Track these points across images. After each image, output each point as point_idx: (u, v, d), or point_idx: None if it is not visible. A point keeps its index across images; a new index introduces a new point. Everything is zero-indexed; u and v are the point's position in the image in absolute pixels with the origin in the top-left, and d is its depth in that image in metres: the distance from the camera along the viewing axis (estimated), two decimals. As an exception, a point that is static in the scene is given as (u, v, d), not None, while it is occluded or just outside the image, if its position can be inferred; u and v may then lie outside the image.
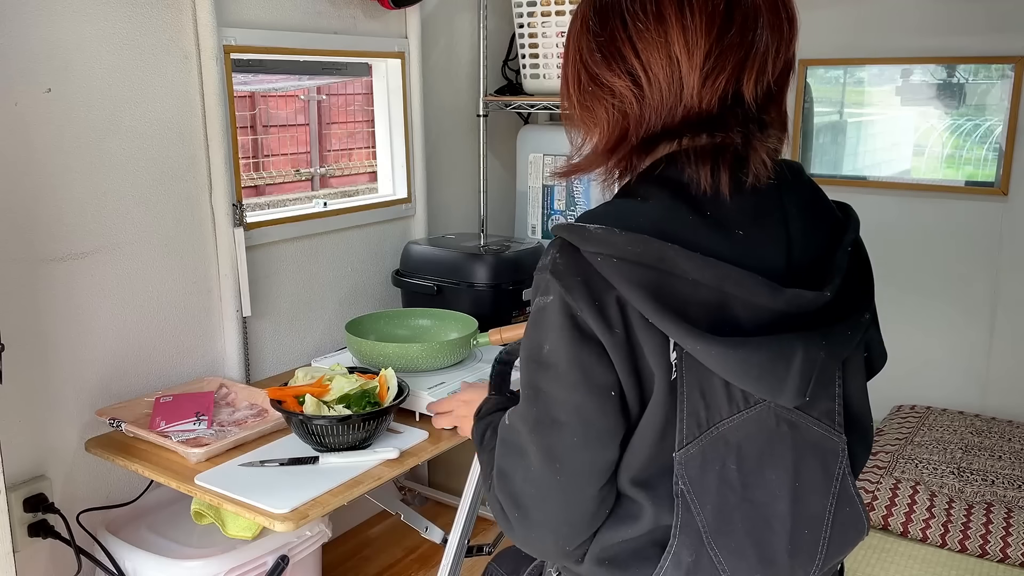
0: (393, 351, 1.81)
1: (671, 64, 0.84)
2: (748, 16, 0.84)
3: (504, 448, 0.95)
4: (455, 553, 1.79)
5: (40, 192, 1.60)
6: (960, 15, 2.76)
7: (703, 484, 0.87)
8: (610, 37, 0.87)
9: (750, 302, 0.82)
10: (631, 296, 0.81)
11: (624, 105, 0.87)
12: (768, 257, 0.85)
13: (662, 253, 0.81)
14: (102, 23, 1.67)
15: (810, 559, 0.91)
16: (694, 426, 0.86)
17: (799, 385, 0.83)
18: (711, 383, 0.85)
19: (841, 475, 0.92)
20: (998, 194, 2.79)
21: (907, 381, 3.06)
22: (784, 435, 0.89)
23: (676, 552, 0.88)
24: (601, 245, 0.82)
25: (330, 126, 4.77)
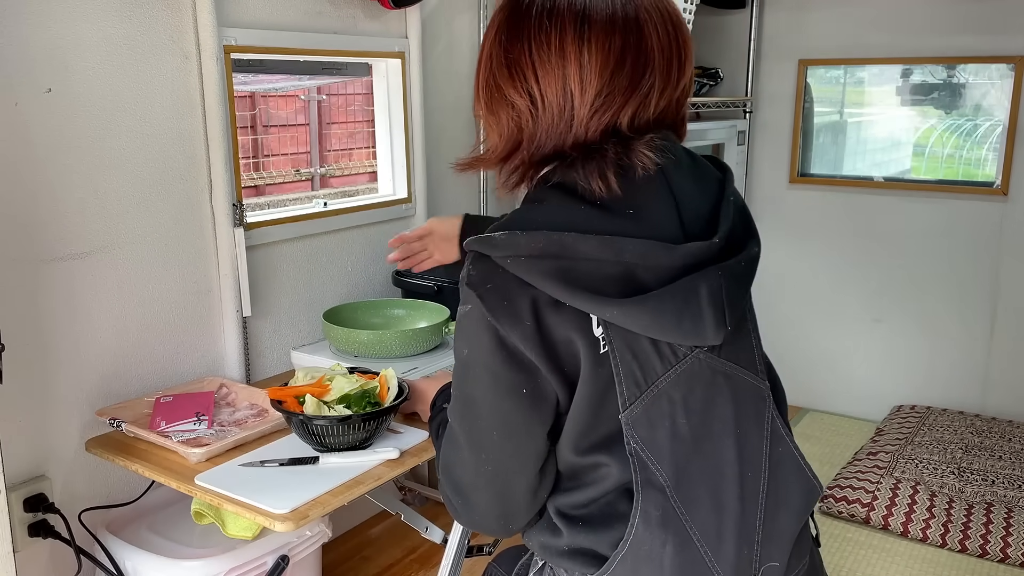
0: (367, 338, 1.87)
1: (565, 96, 0.92)
2: (639, 61, 0.92)
3: (446, 440, 1.04)
4: (455, 553, 1.78)
5: (40, 192, 1.60)
6: (960, 15, 2.76)
7: (655, 441, 0.94)
8: (516, 56, 0.94)
9: (651, 266, 0.90)
10: (544, 286, 0.89)
11: (521, 120, 0.96)
12: (661, 225, 0.93)
13: (561, 242, 0.89)
14: (102, 23, 1.67)
15: (754, 500, 0.98)
16: (633, 386, 0.93)
17: (715, 315, 0.91)
18: (639, 345, 0.93)
19: (770, 417, 1.01)
20: (998, 194, 2.79)
21: (907, 381, 3.06)
22: (721, 387, 0.96)
23: (643, 508, 0.94)
24: (507, 248, 0.90)
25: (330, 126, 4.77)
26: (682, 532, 0.95)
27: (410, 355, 1.92)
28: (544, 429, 0.97)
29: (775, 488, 1.00)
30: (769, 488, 1.00)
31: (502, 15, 0.97)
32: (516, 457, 0.97)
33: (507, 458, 0.97)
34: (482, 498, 1.01)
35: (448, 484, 1.04)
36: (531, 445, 0.97)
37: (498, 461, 0.98)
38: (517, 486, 0.99)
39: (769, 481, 1.00)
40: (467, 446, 0.99)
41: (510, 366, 0.93)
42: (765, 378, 1.01)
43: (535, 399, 0.95)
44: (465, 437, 0.99)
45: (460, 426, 0.99)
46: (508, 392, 0.94)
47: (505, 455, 0.97)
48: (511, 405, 0.95)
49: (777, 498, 1.00)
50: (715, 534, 0.96)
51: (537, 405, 0.95)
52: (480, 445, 0.98)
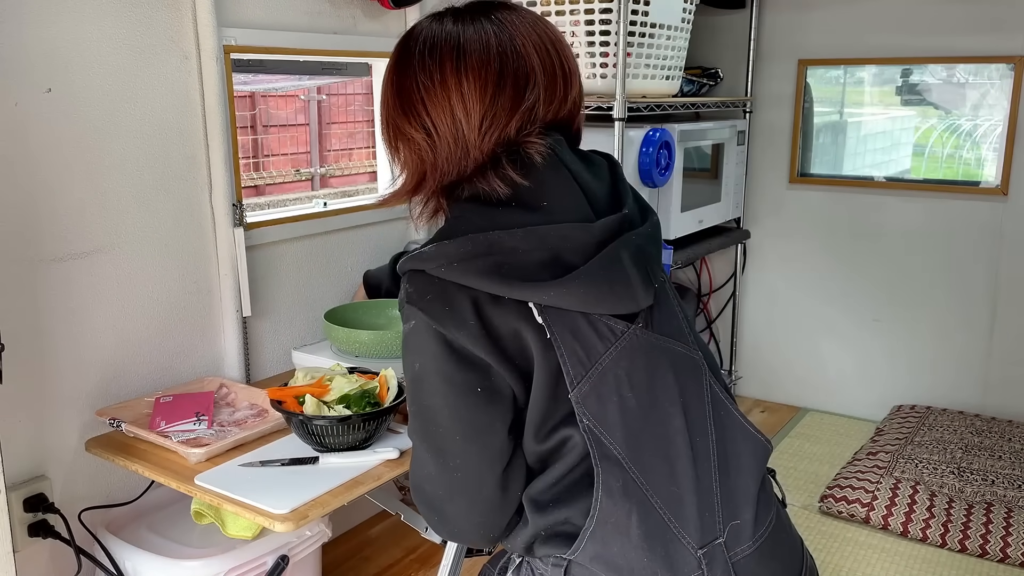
0: (368, 338, 1.86)
1: (454, 122, 1.00)
2: (519, 80, 1.00)
3: (412, 461, 1.06)
4: (455, 553, 1.79)
5: (40, 192, 1.60)
6: (960, 15, 2.76)
7: (606, 417, 0.98)
8: (408, 94, 1.02)
9: (574, 246, 0.97)
10: (479, 284, 0.95)
11: (421, 152, 1.03)
12: (574, 211, 1.01)
13: (488, 240, 0.95)
14: (102, 23, 1.67)
15: (707, 464, 1.03)
16: (578, 366, 0.98)
17: (641, 276, 0.99)
18: (578, 326, 0.98)
19: (708, 384, 1.06)
20: (998, 194, 2.79)
21: (907, 381, 3.06)
22: (659, 359, 1.02)
23: (604, 480, 0.98)
24: (438, 259, 0.96)
25: (330, 126, 4.77)
26: (644, 501, 0.99)
27: (394, 361, 1.90)
28: (505, 426, 1.00)
29: (724, 450, 1.05)
30: (718, 450, 1.04)
31: (392, 59, 1.06)
32: (481, 458, 1.00)
33: (473, 461, 1.00)
34: (456, 509, 1.03)
35: (422, 503, 1.06)
36: (494, 443, 1.00)
37: (465, 467, 1.00)
38: (487, 489, 1.01)
39: (717, 443, 1.05)
40: (432, 459, 1.01)
41: (462, 368, 0.97)
42: (696, 348, 1.07)
43: (491, 396, 0.99)
44: (429, 450, 1.01)
45: (422, 441, 1.02)
46: (464, 393, 0.98)
47: (470, 458, 1.00)
48: (469, 405, 0.98)
49: (727, 459, 1.05)
50: (675, 500, 1.00)
51: (494, 401, 0.99)
52: (444, 453, 1.00)
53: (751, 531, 1.04)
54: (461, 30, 1.02)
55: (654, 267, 1.03)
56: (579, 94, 1.08)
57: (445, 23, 1.04)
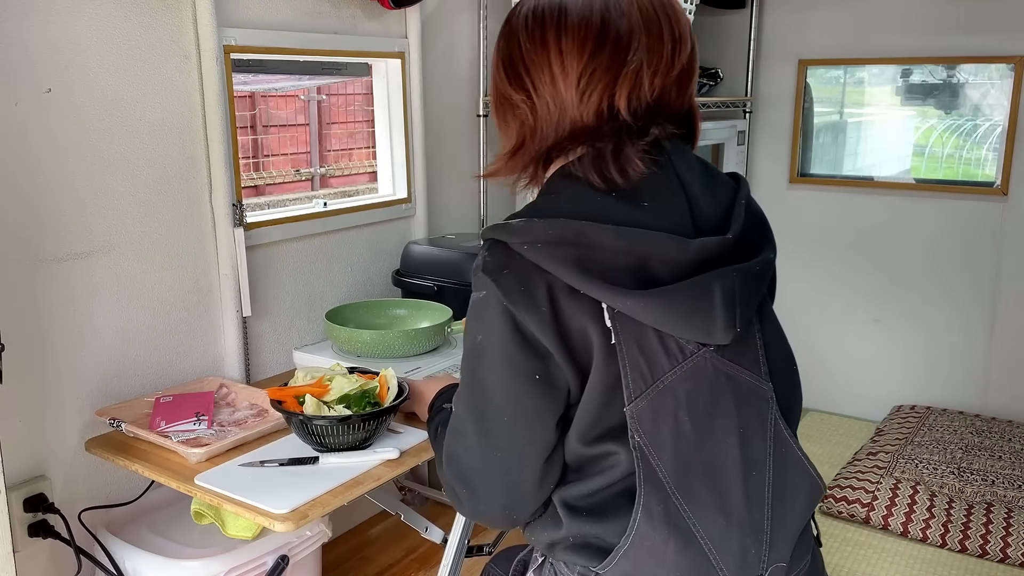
0: (370, 338, 1.87)
1: (553, 82, 0.98)
2: (620, 40, 0.96)
3: (450, 431, 1.04)
4: (455, 553, 1.78)
5: (40, 192, 1.60)
6: (960, 15, 2.76)
7: (658, 437, 0.95)
8: (512, 59, 1.01)
9: (665, 258, 0.92)
10: (559, 272, 0.91)
11: (523, 117, 1.01)
12: (674, 219, 0.96)
13: (578, 230, 0.92)
14: (102, 23, 1.67)
15: (760, 499, 0.99)
16: (639, 380, 0.94)
17: (726, 316, 0.93)
18: (647, 340, 0.94)
19: (773, 419, 1.01)
20: (998, 194, 2.79)
21: (907, 381, 3.06)
22: (724, 386, 0.97)
23: (645, 503, 0.95)
24: (524, 235, 0.93)
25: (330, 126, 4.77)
26: (685, 529, 0.95)
27: (412, 355, 1.92)
28: (554, 418, 0.98)
29: (781, 488, 1.01)
30: (775, 489, 1.00)
31: (501, 30, 1.04)
32: (526, 444, 0.98)
33: (517, 445, 0.98)
34: (489, 486, 1.01)
35: (453, 474, 1.04)
36: (541, 433, 0.98)
37: (507, 448, 0.98)
38: (524, 474, 0.99)
39: (774, 481, 1.00)
40: (476, 433, 1.00)
41: (525, 351, 0.94)
42: (768, 380, 1.02)
43: (547, 386, 0.96)
44: (475, 424, 0.99)
45: (470, 413, 1.00)
46: (523, 377, 0.95)
47: (515, 441, 0.98)
48: (524, 390, 0.95)
49: (784, 499, 1.01)
50: (719, 533, 0.96)
51: (549, 392, 0.96)
52: (490, 431, 0.98)
53: (785, 571, 1.02)
54: None
55: (746, 307, 0.95)
56: (690, 64, 1.00)
57: None
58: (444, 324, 1.97)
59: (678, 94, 1.01)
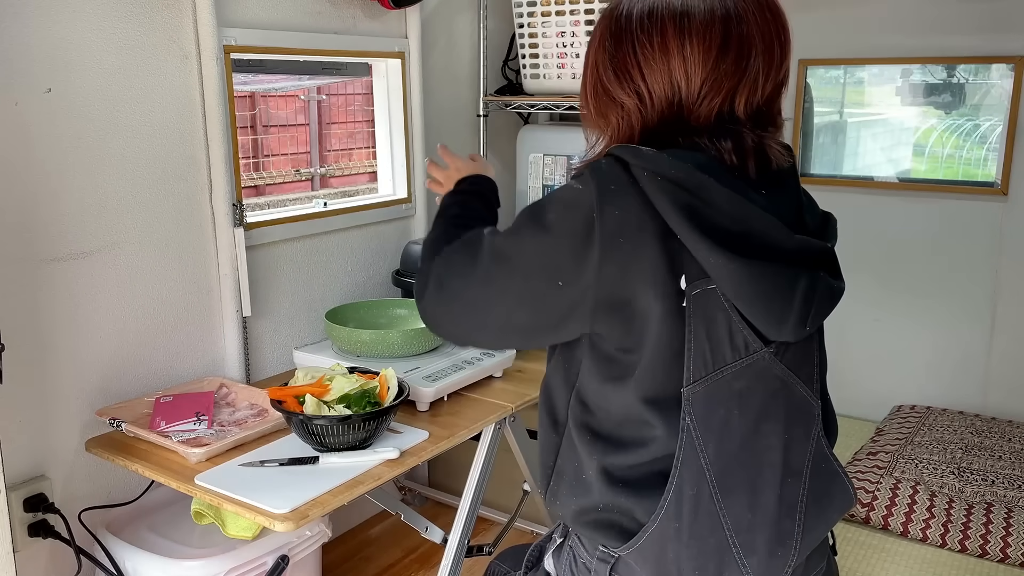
0: (370, 338, 1.87)
1: (672, 87, 0.98)
2: (743, 46, 0.97)
3: (465, 242, 1.06)
4: (455, 553, 1.78)
5: (40, 192, 1.60)
6: (960, 15, 2.76)
7: (708, 423, 0.96)
8: (622, 59, 0.99)
9: (767, 240, 0.93)
10: (665, 210, 0.91)
11: (631, 118, 1.00)
12: (785, 213, 0.98)
13: (700, 181, 0.91)
14: (102, 23, 1.67)
15: (793, 508, 1.00)
16: (700, 365, 0.95)
17: (801, 311, 0.94)
18: (716, 324, 0.94)
19: (816, 435, 1.03)
20: (998, 194, 2.79)
21: (907, 381, 3.06)
22: (779, 391, 0.99)
23: (678, 483, 0.96)
24: (650, 163, 0.93)
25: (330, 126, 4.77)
26: (714, 518, 0.97)
27: (413, 355, 1.92)
28: (536, 320, 0.99)
29: (816, 500, 1.02)
30: (810, 499, 1.02)
31: (603, 25, 1.03)
32: (496, 316, 1.01)
33: (492, 310, 1.01)
34: (458, 309, 1.05)
35: (439, 273, 1.07)
36: (520, 319, 1.00)
37: (491, 302, 1.01)
38: (484, 332, 1.04)
39: (810, 492, 1.02)
40: (476, 271, 1.01)
41: (572, 260, 0.94)
42: (819, 397, 1.03)
43: (559, 297, 0.96)
44: (483, 265, 1.01)
45: (491, 254, 1.01)
46: (550, 270, 0.95)
47: (499, 305, 1.00)
48: (542, 278, 0.96)
49: (817, 511, 1.02)
50: (747, 529, 0.98)
51: (555, 302, 0.96)
52: (488, 279, 1.00)
53: (802, 574, 1.04)
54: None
55: (818, 316, 0.98)
56: (788, 70, 1.03)
57: None
58: None
59: (777, 98, 1.03)
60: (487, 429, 1.79)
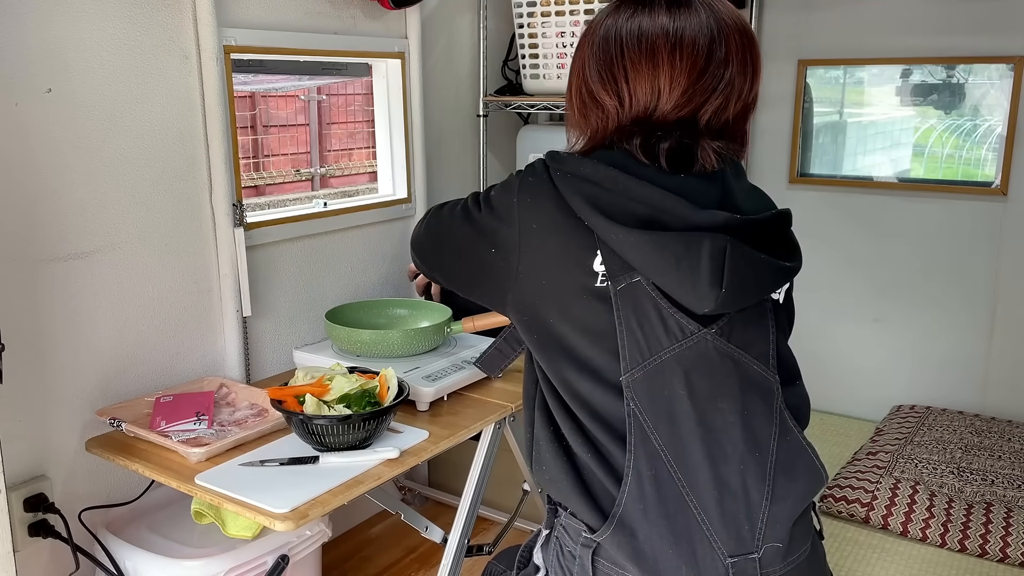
0: (370, 338, 1.88)
1: (653, 93, 1.05)
2: (721, 65, 1.04)
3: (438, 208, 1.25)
4: (455, 553, 1.79)
5: (40, 192, 1.60)
6: (960, 15, 2.76)
7: (654, 407, 1.01)
8: (609, 64, 1.07)
9: (673, 215, 1.00)
10: (573, 202, 1.02)
11: (607, 119, 1.08)
12: (703, 195, 1.03)
13: (606, 174, 1.02)
14: (102, 23, 1.67)
15: (760, 479, 1.04)
16: (636, 353, 1.01)
17: (711, 272, 0.97)
18: (646, 314, 1.01)
19: (779, 408, 1.07)
20: (998, 194, 2.79)
21: (907, 381, 3.06)
22: (729, 369, 1.03)
23: (635, 465, 1.01)
24: (564, 164, 1.06)
25: (330, 126, 4.77)
26: (679, 497, 1.01)
27: (412, 354, 1.92)
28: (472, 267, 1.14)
29: (783, 472, 1.05)
30: (776, 473, 1.05)
31: (591, 36, 1.10)
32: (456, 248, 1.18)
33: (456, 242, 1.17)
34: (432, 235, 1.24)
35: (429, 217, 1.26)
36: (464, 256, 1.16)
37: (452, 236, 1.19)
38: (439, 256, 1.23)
39: (776, 466, 1.05)
40: (457, 214, 1.17)
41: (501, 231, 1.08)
42: (775, 373, 1.07)
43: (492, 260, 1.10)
44: (461, 212, 1.17)
45: (465, 207, 1.16)
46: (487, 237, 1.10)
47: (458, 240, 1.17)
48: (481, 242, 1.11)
49: (785, 483, 1.05)
50: (715, 505, 1.01)
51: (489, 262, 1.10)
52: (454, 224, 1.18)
53: (784, 554, 1.05)
54: (675, 14, 1.06)
55: (737, 278, 1.00)
56: (756, 96, 1.11)
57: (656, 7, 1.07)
58: (444, 324, 1.97)
59: (745, 119, 1.11)
60: (487, 429, 1.79)
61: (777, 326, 1.10)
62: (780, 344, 1.10)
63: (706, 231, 0.99)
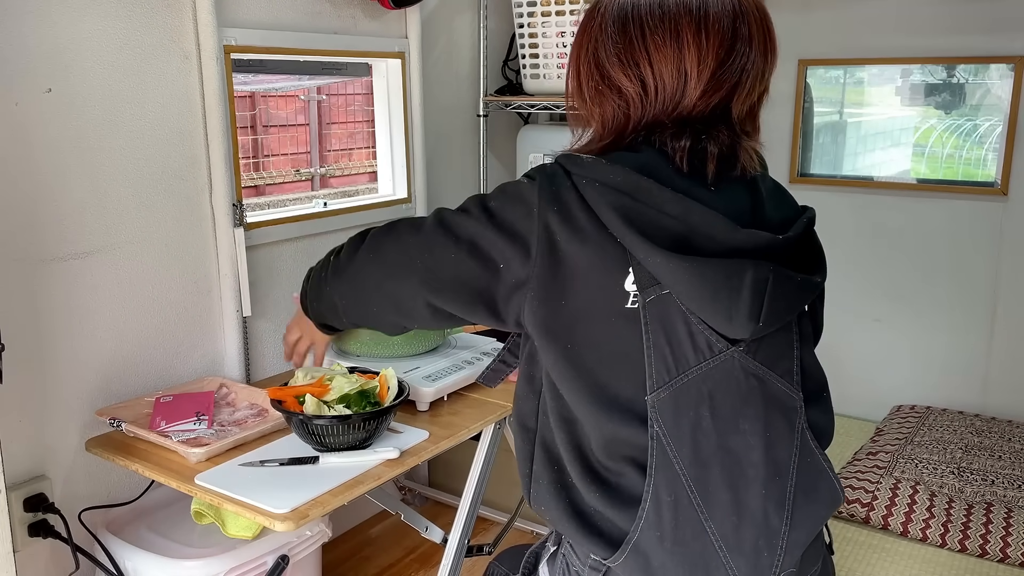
0: (369, 337, 1.87)
1: (679, 76, 0.96)
2: (745, 44, 0.96)
3: (409, 225, 1.10)
4: (455, 553, 1.79)
5: (40, 192, 1.60)
6: (960, 15, 2.76)
7: (678, 429, 0.95)
8: (628, 45, 0.97)
9: (710, 236, 0.92)
10: (603, 215, 0.92)
11: (628, 107, 0.98)
12: (735, 209, 0.96)
13: (638, 183, 0.92)
14: (102, 23, 1.67)
15: (780, 505, 0.98)
16: (663, 371, 0.94)
17: (751, 304, 0.91)
18: (675, 329, 0.94)
19: (801, 429, 1.01)
20: (998, 194, 2.79)
21: (907, 381, 3.06)
22: (753, 388, 0.97)
23: (655, 491, 0.95)
24: (588, 170, 0.94)
25: (330, 126, 4.77)
26: (696, 522, 0.95)
27: (412, 355, 1.92)
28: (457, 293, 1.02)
29: (803, 496, 1.00)
30: (797, 497, 1.00)
31: (601, 14, 1.00)
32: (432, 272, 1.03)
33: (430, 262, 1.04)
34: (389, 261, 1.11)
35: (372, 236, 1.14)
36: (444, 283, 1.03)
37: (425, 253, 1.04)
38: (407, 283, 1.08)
39: (796, 489, 1.00)
40: (426, 232, 1.04)
41: (510, 247, 0.96)
42: (799, 391, 1.01)
43: (490, 279, 0.98)
44: (432, 226, 1.04)
45: (440, 219, 1.03)
46: (484, 252, 0.98)
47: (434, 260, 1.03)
48: (476, 258, 0.99)
49: (805, 506, 1.00)
50: (733, 531, 0.96)
51: (484, 283, 0.99)
52: (432, 242, 1.03)
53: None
54: None
55: (776, 309, 0.94)
56: (771, 76, 1.02)
57: None
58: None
59: (760, 106, 1.03)
60: (487, 429, 1.79)
61: (801, 336, 1.03)
62: (804, 355, 1.04)
63: (747, 254, 0.92)
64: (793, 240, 0.97)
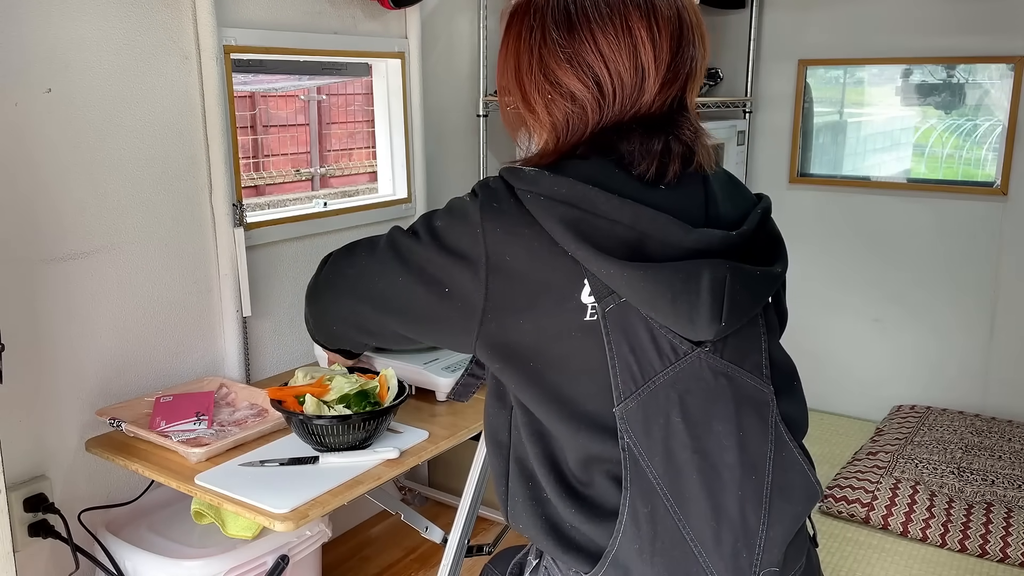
0: None
1: (637, 73, 0.93)
2: (691, 31, 0.96)
3: (367, 246, 1.09)
4: (455, 553, 1.79)
5: (40, 192, 1.60)
6: (960, 15, 2.76)
7: (649, 439, 0.93)
8: (578, 46, 0.93)
9: (664, 240, 0.90)
10: (552, 229, 0.89)
11: (585, 111, 0.95)
12: (687, 208, 0.94)
13: (584, 194, 0.89)
14: (102, 23, 1.67)
15: (758, 503, 0.97)
16: (629, 381, 0.92)
17: (712, 306, 0.89)
18: (637, 336, 0.91)
19: (774, 422, 0.99)
20: (998, 194, 2.79)
21: (907, 381, 3.06)
22: (723, 388, 0.95)
23: (631, 504, 0.93)
24: (531, 184, 0.91)
25: (330, 126, 4.77)
26: (675, 531, 0.94)
27: (413, 355, 1.91)
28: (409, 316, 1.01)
29: (779, 494, 0.99)
30: (773, 494, 0.98)
31: (540, 18, 0.96)
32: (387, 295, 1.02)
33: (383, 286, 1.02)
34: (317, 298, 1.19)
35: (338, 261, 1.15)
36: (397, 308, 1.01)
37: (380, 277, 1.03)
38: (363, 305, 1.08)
39: (772, 486, 0.98)
40: (379, 253, 1.03)
41: (457, 269, 0.93)
42: (770, 384, 1.00)
43: (440, 303, 0.96)
44: (385, 248, 1.03)
45: (391, 240, 1.02)
46: (434, 276, 0.95)
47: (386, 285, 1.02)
48: (424, 281, 0.96)
49: (781, 503, 0.99)
50: (712, 535, 0.95)
51: (435, 307, 0.96)
52: (385, 264, 1.02)
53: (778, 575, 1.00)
54: None
55: (737, 306, 0.91)
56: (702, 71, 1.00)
57: None
58: None
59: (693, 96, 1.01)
60: (487, 429, 1.79)
61: (768, 327, 1.02)
62: (772, 347, 1.02)
63: (703, 254, 0.90)
64: (748, 234, 0.95)
